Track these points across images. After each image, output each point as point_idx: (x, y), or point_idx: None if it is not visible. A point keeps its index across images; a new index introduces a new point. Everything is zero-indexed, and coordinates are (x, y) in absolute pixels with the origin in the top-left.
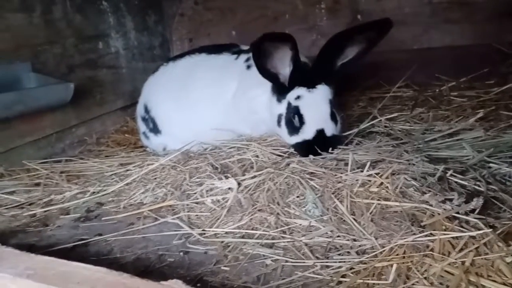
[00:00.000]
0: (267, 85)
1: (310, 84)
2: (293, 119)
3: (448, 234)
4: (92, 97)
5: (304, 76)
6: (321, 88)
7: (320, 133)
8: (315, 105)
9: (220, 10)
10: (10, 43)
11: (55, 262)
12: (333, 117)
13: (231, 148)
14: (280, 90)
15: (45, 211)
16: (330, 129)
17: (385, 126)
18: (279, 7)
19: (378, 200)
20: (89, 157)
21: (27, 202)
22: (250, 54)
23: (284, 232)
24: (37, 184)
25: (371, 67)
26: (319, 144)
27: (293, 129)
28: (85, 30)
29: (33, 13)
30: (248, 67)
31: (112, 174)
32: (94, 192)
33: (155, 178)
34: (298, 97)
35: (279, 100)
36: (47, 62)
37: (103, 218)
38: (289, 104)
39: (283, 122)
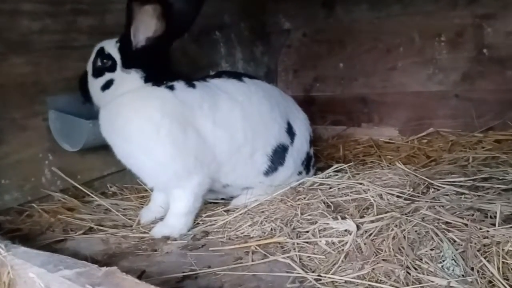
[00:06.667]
0: None
1: None
2: None
3: None
4: None
5: None
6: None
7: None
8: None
9: (329, 42)
10: None
11: None
12: (94, 60)
13: (341, 185)
14: None
15: None
16: (88, 64)
17: None
18: (393, 40)
19: None
20: None
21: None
22: None
23: None
24: None
25: (496, 106)
26: None
27: None
28: (198, 60)
29: None
30: None
31: (218, 203)
32: (200, 220)
33: (263, 212)
34: None
35: None
36: None
37: (210, 249)
38: None
39: None
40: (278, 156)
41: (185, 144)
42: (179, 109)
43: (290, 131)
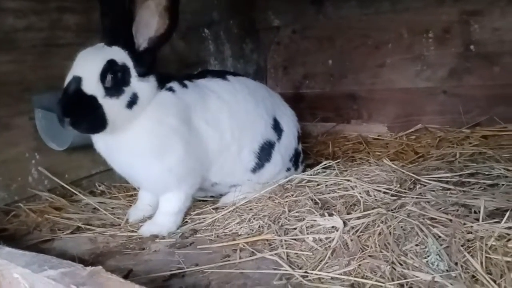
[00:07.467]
0: None
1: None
2: None
3: None
4: None
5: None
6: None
7: (72, 80)
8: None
9: (318, 39)
10: None
11: None
12: (103, 78)
13: (329, 181)
14: None
15: None
16: (87, 85)
17: (508, 170)
18: (381, 36)
19: None
20: None
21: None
22: None
23: (402, 286)
24: None
25: (483, 102)
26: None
27: None
28: (187, 57)
29: None
30: None
31: (207, 201)
32: (189, 218)
33: (251, 209)
34: None
35: None
36: None
37: (198, 247)
38: None
39: None
40: (265, 152)
41: (192, 147)
42: (186, 111)
43: (277, 128)
